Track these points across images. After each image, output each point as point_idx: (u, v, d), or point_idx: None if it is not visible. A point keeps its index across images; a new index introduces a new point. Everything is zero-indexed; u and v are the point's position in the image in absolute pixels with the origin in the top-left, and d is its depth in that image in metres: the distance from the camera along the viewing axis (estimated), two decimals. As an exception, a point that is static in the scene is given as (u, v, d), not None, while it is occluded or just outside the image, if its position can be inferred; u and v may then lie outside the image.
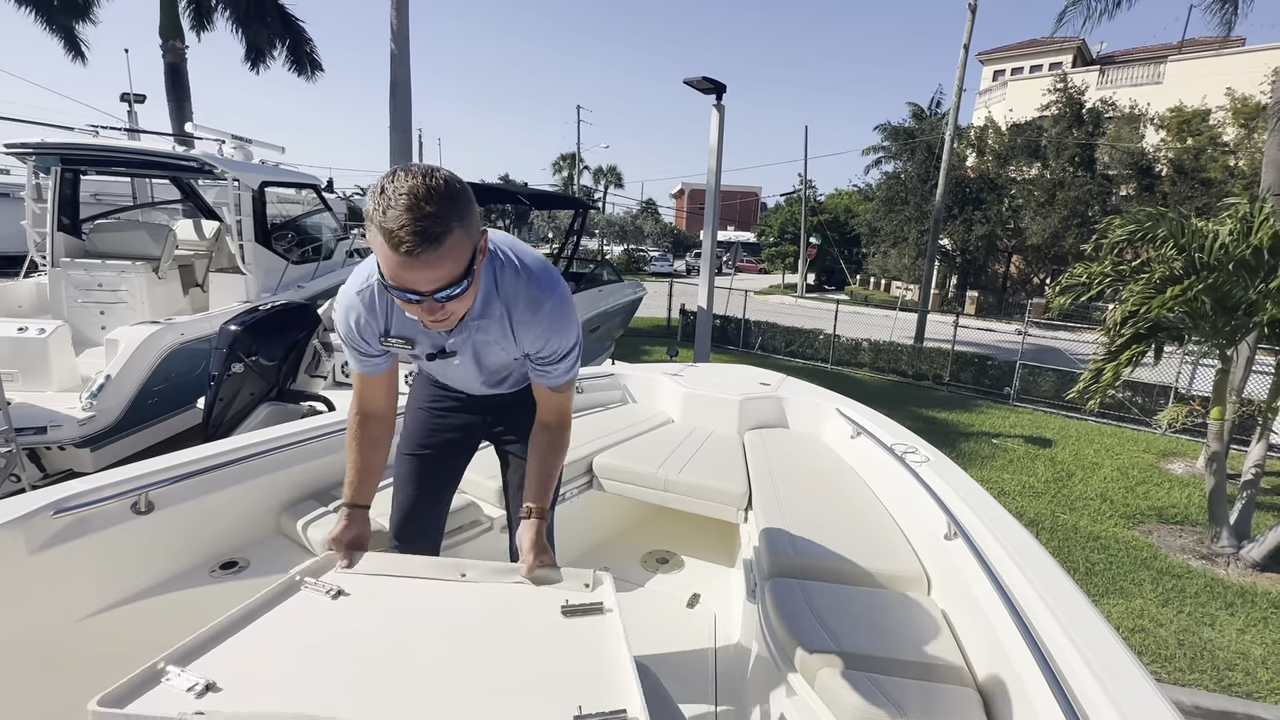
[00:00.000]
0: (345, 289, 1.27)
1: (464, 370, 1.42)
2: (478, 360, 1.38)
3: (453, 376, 1.49)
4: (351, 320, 1.26)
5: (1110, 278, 5.20)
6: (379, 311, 1.26)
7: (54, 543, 1.43)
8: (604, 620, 1.16)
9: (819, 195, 33.73)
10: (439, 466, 1.59)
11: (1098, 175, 19.15)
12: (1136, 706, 0.97)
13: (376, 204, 0.96)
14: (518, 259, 1.25)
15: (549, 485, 1.39)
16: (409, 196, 0.95)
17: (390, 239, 0.95)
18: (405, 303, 1.06)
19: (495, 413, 1.59)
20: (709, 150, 7.70)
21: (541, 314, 1.25)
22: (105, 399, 4.09)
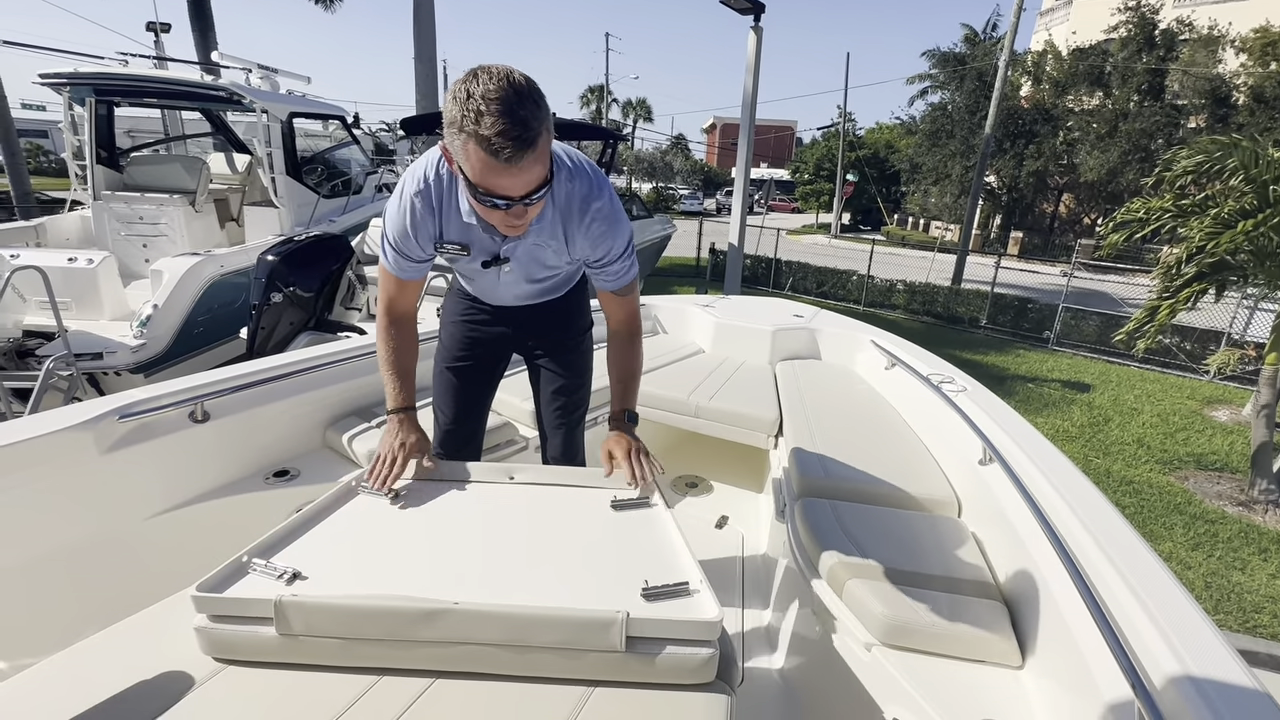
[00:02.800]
0: (401, 191, 1.24)
1: (510, 279, 1.40)
2: (527, 267, 1.37)
3: (494, 288, 1.47)
4: (406, 223, 1.23)
5: (1171, 213, 4.90)
6: (436, 216, 1.24)
7: (121, 445, 1.53)
8: (652, 512, 1.22)
9: (858, 129, 32.11)
10: (476, 377, 1.61)
11: (1165, 105, 17.71)
12: (1173, 618, 0.97)
13: (465, 110, 0.92)
14: (569, 159, 1.22)
15: (632, 389, 1.43)
16: (501, 102, 0.91)
17: (488, 146, 0.93)
18: (488, 209, 1.04)
19: (527, 325, 1.59)
20: (744, 79, 7.34)
21: (592, 213, 1.24)
22: (154, 327, 4.25)
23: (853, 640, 1.27)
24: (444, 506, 1.22)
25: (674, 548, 1.10)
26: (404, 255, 1.28)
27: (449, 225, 1.25)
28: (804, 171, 33.85)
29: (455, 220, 1.24)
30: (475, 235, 1.26)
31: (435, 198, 1.21)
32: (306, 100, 6.59)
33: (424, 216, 1.23)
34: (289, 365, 1.89)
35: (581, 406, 1.68)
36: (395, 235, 1.26)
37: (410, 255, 1.28)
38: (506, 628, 0.89)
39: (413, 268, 1.32)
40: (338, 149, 7.37)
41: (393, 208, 1.24)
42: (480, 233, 1.25)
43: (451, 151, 1.01)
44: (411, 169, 1.25)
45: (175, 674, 0.90)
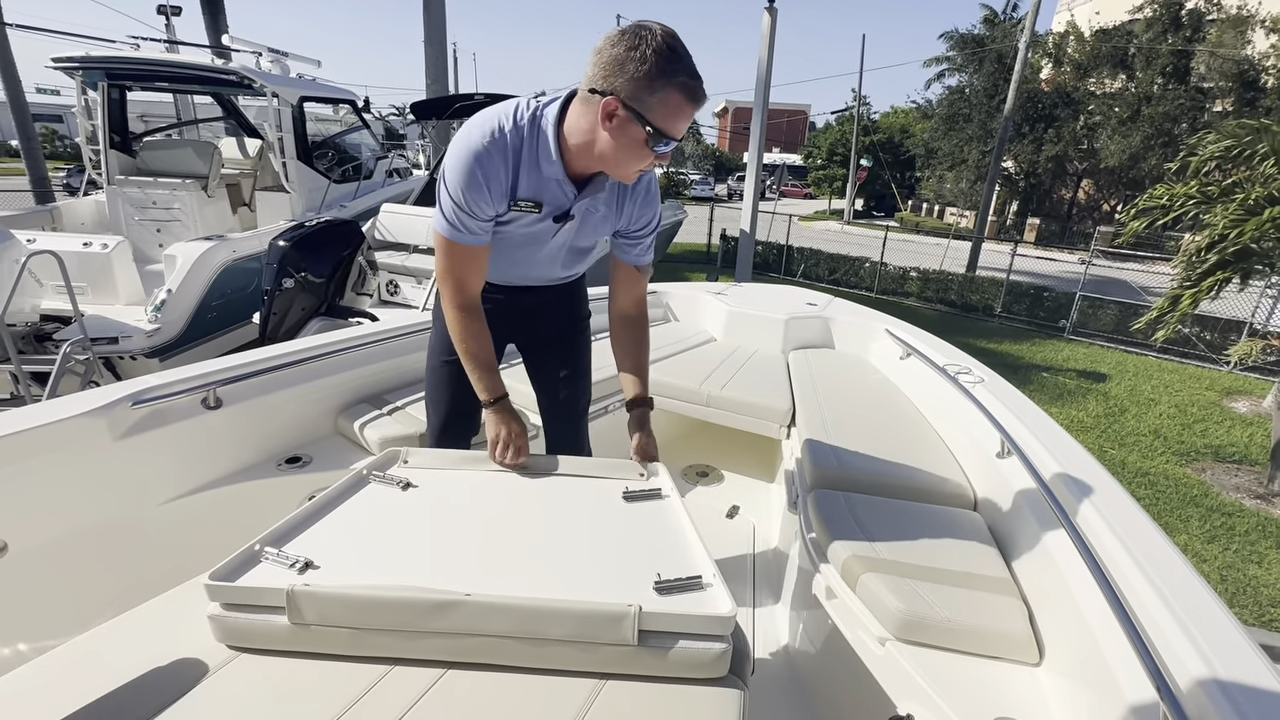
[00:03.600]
0: (466, 146, 1.16)
1: (555, 246, 1.37)
2: (581, 230, 1.35)
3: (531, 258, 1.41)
4: (480, 176, 1.15)
5: (1195, 200, 4.78)
6: (510, 169, 1.18)
7: (134, 432, 1.53)
8: (664, 504, 1.21)
9: (873, 113, 31.58)
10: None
11: (1191, 88, 17.24)
12: (1198, 615, 0.95)
13: (666, 62, 1.01)
14: None
15: (647, 374, 1.44)
16: (686, 52, 1.04)
17: (688, 91, 1.05)
18: (650, 155, 1.11)
19: (531, 313, 1.55)
20: (758, 61, 7.21)
21: (642, 182, 1.29)
22: (169, 312, 4.28)
23: (866, 634, 1.26)
24: (455, 496, 1.21)
25: (687, 540, 1.09)
26: (474, 215, 1.20)
27: (525, 180, 1.20)
28: (817, 156, 33.40)
29: (533, 174, 1.20)
30: (550, 190, 1.22)
31: (513, 150, 1.16)
32: (317, 84, 6.56)
33: (498, 168, 1.17)
34: (301, 352, 1.89)
35: (585, 396, 1.67)
36: (463, 193, 1.17)
37: (480, 214, 1.20)
38: (518, 620, 0.88)
39: (482, 230, 1.23)
40: (348, 133, 7.35)
41: (458, 164, 1.16)
42: (556, 187, 1.22)
43: (636, 104, 1.04)
44: (473, 125, 1.17)
45: (189, 661, 0.90)
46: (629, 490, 1.23)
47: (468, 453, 1.34)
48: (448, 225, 1.22)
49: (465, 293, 1.28)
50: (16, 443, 1.32)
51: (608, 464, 1.32)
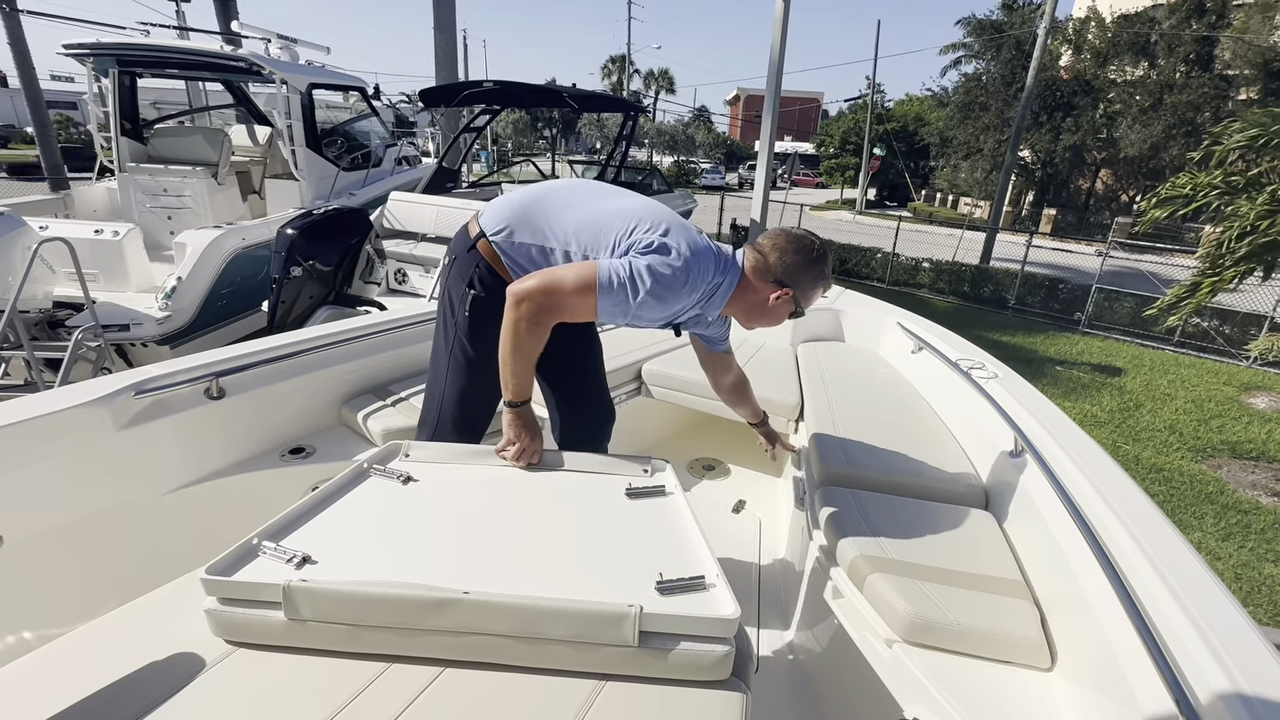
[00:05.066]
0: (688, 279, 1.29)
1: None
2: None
3: None
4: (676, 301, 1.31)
5: (1219, 190, 4.66)
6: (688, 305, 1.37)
7: (137, 421, 1.53)
8: (668, 501, 1.19)
9: (887, 101, 31.14)
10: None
11: (1215, 76, 16.81)
12: (1216, 621, 0.92)
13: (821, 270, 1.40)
14: None
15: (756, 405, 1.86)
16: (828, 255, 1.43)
17: (829, 287, 1.48)
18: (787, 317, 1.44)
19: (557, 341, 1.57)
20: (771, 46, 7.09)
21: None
22: (179, 299, 4.30)
23: (873, 635, 1.23)
24: (456, 490, 1.20)
25: (690, 538, 1.07)
26: (644, 313, 1.32)
27: (690, 313, 1.43)
28: (829, 145, 33.01)
29: (697, 313, 1.44)
30: (694, 321, 1.50)
31: (708, 294, 1.38)
32: (326, 71, 6.53)
33: (689, 303, 1.36)
34: (304, 342, 1.88)
35: (605, 390, 1.73)
36: (653, 302, 1.27)
37: (646, 317, 1.35)
38: (517, 619, 0.87)
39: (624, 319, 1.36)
40: (357, 121, 7.32)
41: (677, 281, 1.28)
42: (701, 320, 1.51)
43: (797, 288, 1.39)
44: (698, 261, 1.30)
45: (187, 655, 0.90)
46: (632, 487, 1.21)
47: (470, 447, 1.33)
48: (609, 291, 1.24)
49: (549, 320, 1.28)
50: (19, 432, 1.32)
51: (611, 460, 1.30)
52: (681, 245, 1.28)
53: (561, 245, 1.35)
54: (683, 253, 1.27)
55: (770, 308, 1.40)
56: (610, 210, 1.36)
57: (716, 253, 1.37)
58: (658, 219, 1.33)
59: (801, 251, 1.37)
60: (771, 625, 1.77)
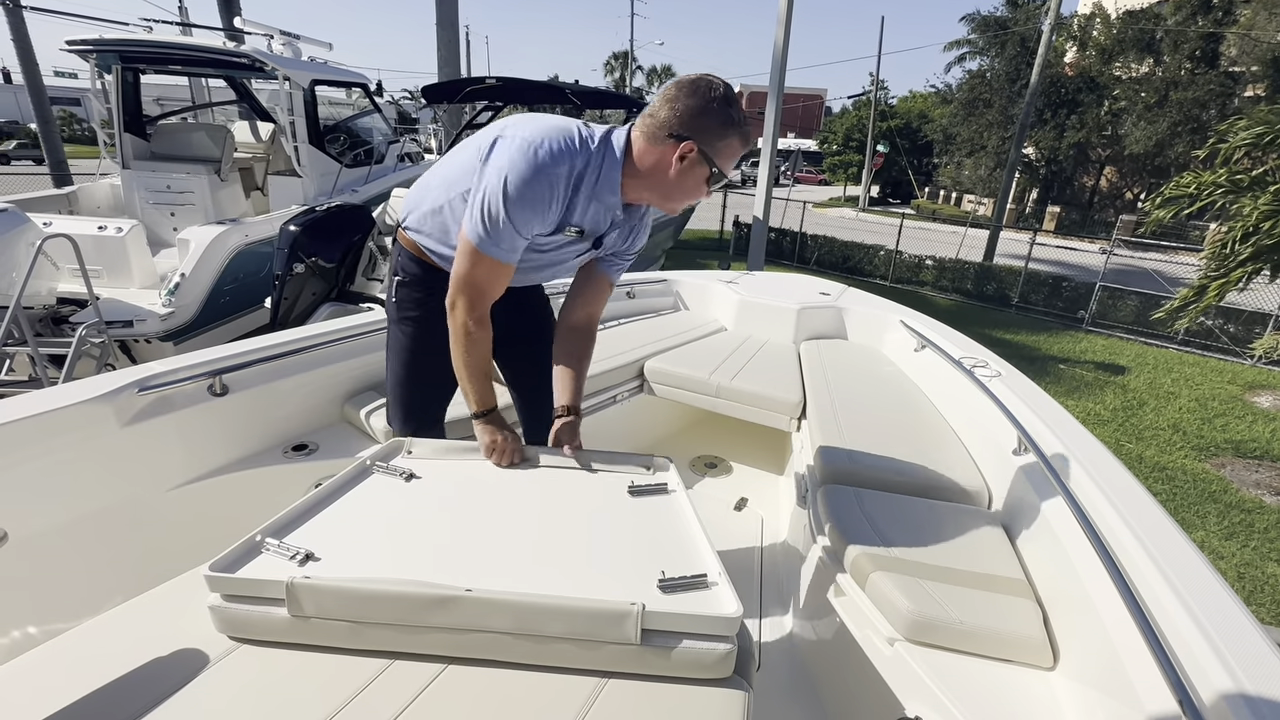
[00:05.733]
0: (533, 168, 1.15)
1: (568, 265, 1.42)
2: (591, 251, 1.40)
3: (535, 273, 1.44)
4: (546, 200, 1.18)
5: (1224, 189, 4.63)
6: (570, 196, 1.22)
7: (140, 418, 1.53)
8: (670, 499, 1.19)
9: (890, 98, 31.02)
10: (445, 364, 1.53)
11: (1221, 73, 16.71)
12: (1220, 621, 0.92)
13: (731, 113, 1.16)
14: None
15: (583, 384, 1.44)
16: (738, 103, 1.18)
17: (745, 139, 1.19)
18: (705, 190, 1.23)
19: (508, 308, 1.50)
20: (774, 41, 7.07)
21: (650, 212, 1.40)
22: (182, 296, 4.31)
23: (875, 634, 1.23)
24: (459, 488, 1.20)
25: (692, 536, 1.07)
26: (522, 235, 1.21)
27: (582, 207, 1.24)
28: (832, 142, 32.91)
29: (591, 202, 1.24)
30: (600, 218, 1.29)
31: (578, 177, 1.20)
32: (328, 67, 6.53)
33: (560, 197, 1.20)
34: (307, 339, 1.88)
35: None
36: (523, 212, 1.16)
37: (526, 234, 1.21)
38: (519, 617, 0.87)
39: (517, 251, 1.24)
40: (360, 117, 7.31)
41: (521, 184, 1.15)
42: (604, 216, 1.29)
43: (701, 139, 1.15)
44: (538, 144, 1.16)
45: (190, 651, 0.90)
46: (635, 485, 1.21)
47: (472, 444, 1.33)
48: (489, 240, 1.19)
49: (481, 308, 1.26)
50: (22, 428, 1.32)
51: (613, 457, 1.30)
52: (517, 149, 1.16)
53: (445, 197, 1.32)
54: (524, 154, 1.15)
55: (677, 173, 1.18)
56: (469, 145, 1.30)
57: (578, 133, 1.21)
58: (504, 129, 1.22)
59: (697, 94, 1.14)
60: (773, 623, 1.77)
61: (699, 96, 1.14)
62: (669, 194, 1.24)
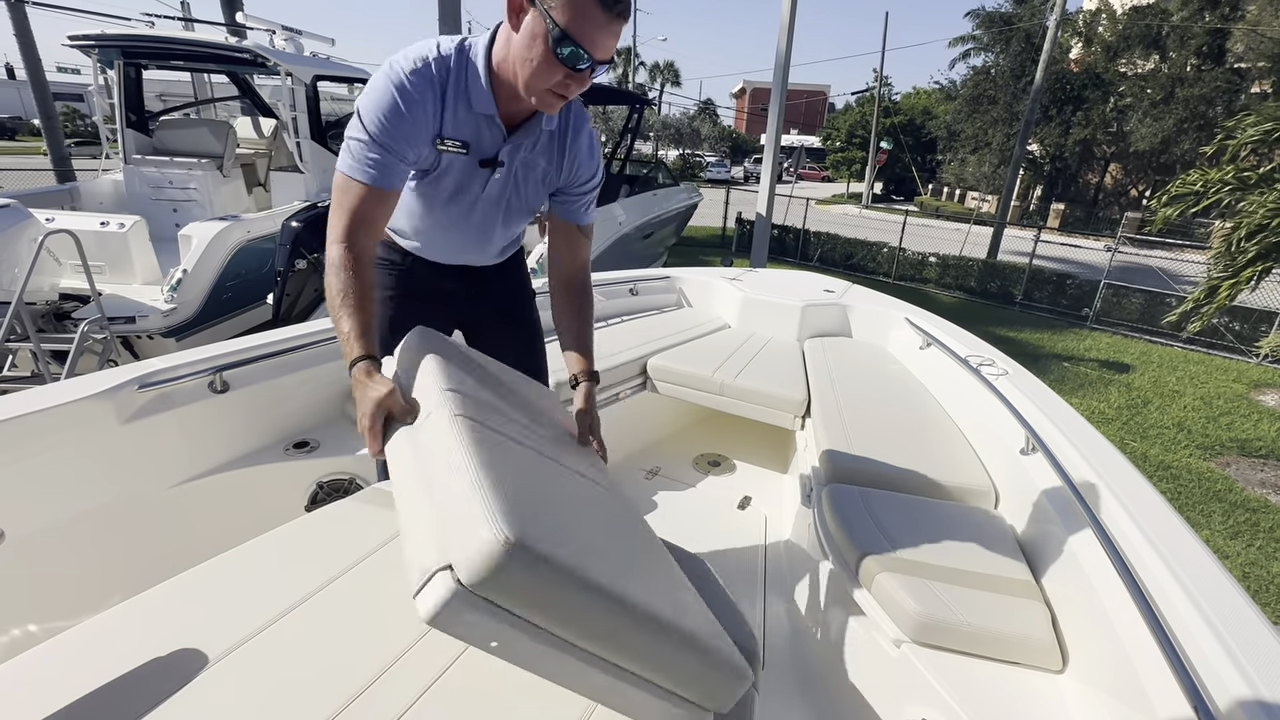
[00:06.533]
0: (390, 76, 1.05)
1: (488, 202, 1.26)
2: (514, 185, 1.25)
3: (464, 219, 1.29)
4: (403, 109, 1.05)
5: (1231, 186, 4.60)
6: (438, 104, 1.08)
7: (141, 415, 1.53)
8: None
9: (894, 94, 30.90)
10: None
11: (1227, 69, 16.61)
12: (1233, 622, 0.90)
13: None
14: None
15: (591, 344, 1.30)
16: None
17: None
18: (570, 73, 0.98)
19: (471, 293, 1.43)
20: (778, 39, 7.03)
21: (586, 131, 1.23)
22: (184, 292, 4.30)
23: (881, 636, 1.22)
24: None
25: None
26: (390, 150, 1.06)
27: (453, 117, 1.10)
28: (836, 139, 32.84)
29: (460, 110, 1.09)
30: (480, 130, 1.12)
31: (440, 82, 1.07)
32: (331, 63, 6.51)
33: (424, 103, 1.06)
34: (308, 336, 1.86)
35: (545, 371, 1.58)
36: (384, 121, 1.04)
37: (399, 153, 1.07)
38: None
39: (399, 171, 1.09)
40: (361, 113, 7.29)
41: (377, 96, 1.05)
42: (485, 127, 1.13)
43: (544, 9, 0.94)
44: (394, 58, 1.06)
45: (192, 651, 0.89)
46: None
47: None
48: (353, 161, 1.07)
49: (358, 237, 1.07)
50: (21, 426, 1.31)
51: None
52: (388, 61, 1.07)
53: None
54: (379, 73, 1.07)
55: (518, 41, 0.99)
56: None
57: (439, 43, 1.09)
58: None
59: None
60: (777, 623, 1.76)
61: None
62: (521, 70, 1.01)
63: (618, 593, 0.67)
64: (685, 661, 0.73)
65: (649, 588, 0.74)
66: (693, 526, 2.15)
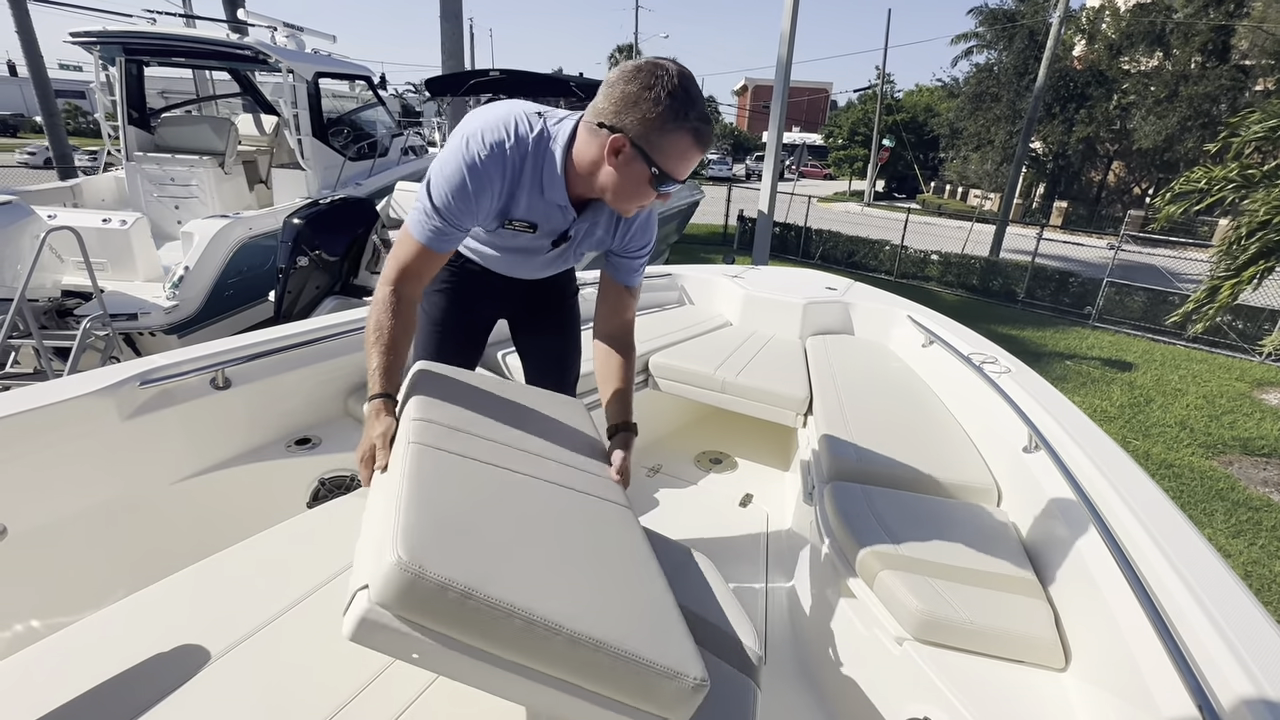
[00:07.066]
0: (465, 152, 1.09)
1: (544, 259, 1.36)
2: (577, 248, 1.35)
3: (519, 265, 1.41)
4: (470, 188, 1.10)
5: (1235, 184, 4.58)
6: (506, 187, 1.14)
7: (142, 411, 1.52)
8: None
9: (896, 92, 30.84)
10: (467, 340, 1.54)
11: (1232, 67, 16.54)
12: (1237, 621, 0.90)
13: (681, 105, 0.99)
14: None
15: (631, 399, 1.35)
16: (699, 96, 1.02)
17: (700, 137, 1.03)
18: (653, 194, 1.10)
19: (517, 291, 1.52)
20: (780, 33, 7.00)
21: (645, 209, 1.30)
22: (186, 289, 4.30)
23: (882, 633, 1.22)
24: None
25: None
26: (451, 223, 1.13)
27: (524, 200, 1.17)
28: (838, 136, 32.80)
29: (533, 196, 1.16)
30: (549, 214, 1.20)
31: (513, 167, 1.12)
32: (332, 60, 6.50)
33: (494, 184, 1.12)
34: (310, 333, 1.86)
35: (575, 369, 1.65)
36: (450, 198, 1.10)
37: (459, 224, 1.14)
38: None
39: (454, 238, 1.17)
40: (364, 110, 7.28)
41: (450, 168, 1.10)
42: (556, 212, 1.20)
43: (644, 144, 1.02)
44: (473, 131, 1.10)
45: (193, 646, 0.89)
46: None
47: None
48: (420, 224, 1.14)
49: (406, 285, 1.17)
50: (24, 422, 1.31)
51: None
52: (454, 140, 1.11)
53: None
54: (456, 147, 1.10)
55: (615, 170, 1.06)
56: None
57: (517, 125, 1.11)
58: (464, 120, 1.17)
59: (638, 79, 0.99)
60: (779, 620, 1.76)
61: (639, 83, 0.99)
62: (610, 194, 1.11)
63: (524, 609, 0.70)
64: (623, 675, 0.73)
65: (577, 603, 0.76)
66: (694, 524, 2.15)
